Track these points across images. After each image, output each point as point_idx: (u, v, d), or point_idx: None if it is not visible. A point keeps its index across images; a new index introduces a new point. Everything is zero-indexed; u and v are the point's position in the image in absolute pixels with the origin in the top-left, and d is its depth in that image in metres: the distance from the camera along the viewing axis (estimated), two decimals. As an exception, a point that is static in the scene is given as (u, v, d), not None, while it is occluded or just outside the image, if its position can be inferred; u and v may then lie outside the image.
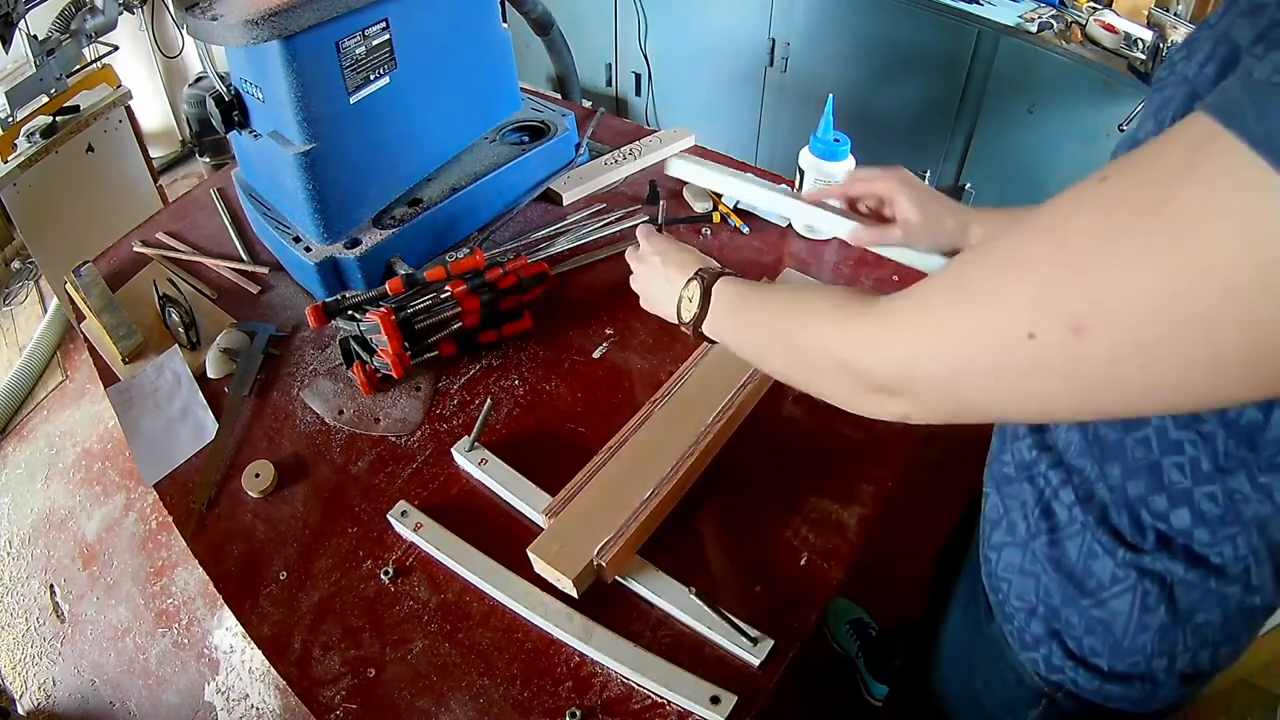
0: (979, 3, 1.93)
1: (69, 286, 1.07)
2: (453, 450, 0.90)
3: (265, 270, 1.17)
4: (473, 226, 1.20)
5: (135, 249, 1.24)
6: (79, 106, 1.96)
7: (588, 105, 1.60)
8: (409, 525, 0.83)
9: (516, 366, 1.01)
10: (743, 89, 2.41)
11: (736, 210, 1.20)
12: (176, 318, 1.08)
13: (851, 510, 0.83)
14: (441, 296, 0.97)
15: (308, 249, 1.07)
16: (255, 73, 1.01)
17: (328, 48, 0.96)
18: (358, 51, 1.00)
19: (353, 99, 1.02)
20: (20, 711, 1.66)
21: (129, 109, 2.10)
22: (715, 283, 0.69)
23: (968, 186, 2.13)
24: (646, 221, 1.17)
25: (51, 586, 1.85)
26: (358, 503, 0.88)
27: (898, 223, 0.82)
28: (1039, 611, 0.63)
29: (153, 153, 2.33)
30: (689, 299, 0.71)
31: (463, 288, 0.97)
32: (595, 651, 0.73)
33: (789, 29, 2.20)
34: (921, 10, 1.95)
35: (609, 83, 2.74)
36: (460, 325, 0.99)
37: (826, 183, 1.09)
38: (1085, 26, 1.84)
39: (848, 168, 1.09)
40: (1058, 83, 1.83)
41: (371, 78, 1.03)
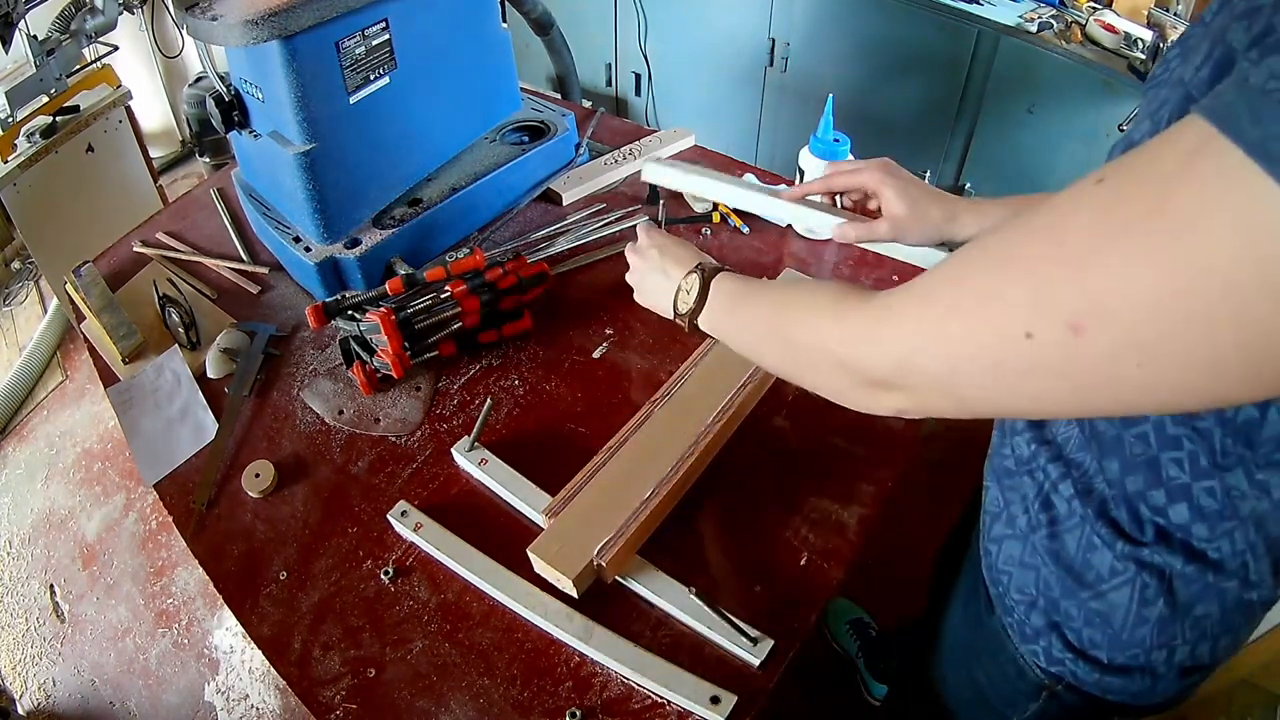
0: (979, 3, 1.93)
1: (69, 286, 1.07)
2: (453, 450, 0.90)
3: (265, 270, 1.17)
4: (473, 226, 1.20)
5: (135, 249, 1.24)
6: (79, 106, 1.96)
7: (588, 105, 1.60)
8: (409, 525, 0.83)
9: (516, 366, 1.01)
10: (743, 89, 2.41)
11: (737, 210, 1.20)
12: (176, 318, 1.08)
13: (851, 510, 0.83)
14: (441, 296, 0.97)
15: (308, 249, 1.08)
16: (255, 73, 1.01)
17: (328, 48, 0.96)
18: (358, 51, 1.00)
19: (353, 99, 1.02)
20: (20, 711, 1.66)
21: (129, 109, 2.10)
22: (714, 277, 0.69)
23: (968, 186, 2.13)
24: (646, 220, 1.16)
25: (51, 586, 1.85)
26: (358, 503, 0.88)
27: (884, 217, 0.81)
28: (1039, 604, 0.63)
29: (153, 153, 2.33)
30: (686, 291, 0.71)
31: (463, 288, 0.97)
32: (595, 651, 0.73)
33: (789, 29, 2.20)
34: (921, 10, 1.95)
35: (609, 83, 2.74)
36: (460, 325, 0.99)
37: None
38: (1085, 26, 1.84)
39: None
40: (1058, 83, 1.83)
41: (371, 78, 1.03)
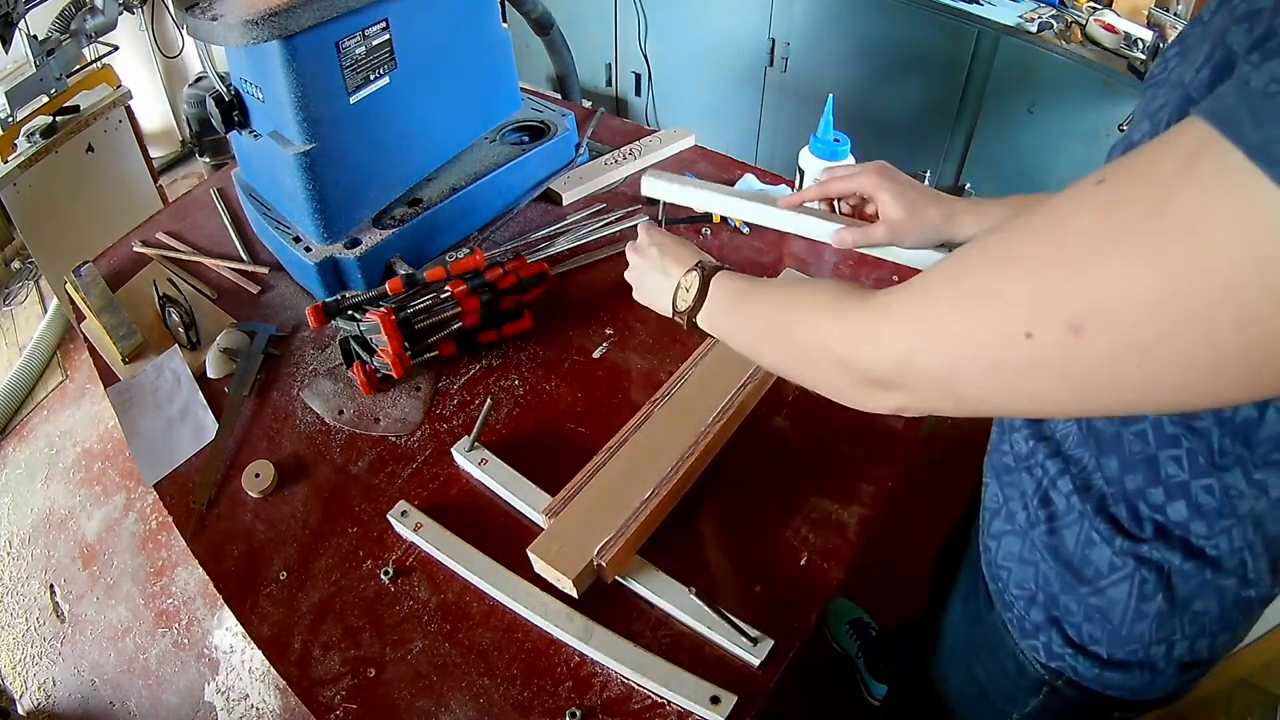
0: (979, 3, 1.93)
1: (69, 286, 1.07)
2: (453, 450, 0.90)
3: (265, 270, 1.17)
4: (473, 226, 1.20)
5: (135, 249, 1.24)
6: (79, 106, 1.96)
7: (588, 105, 1.60)
8: (409, 525, 0.83)
9: (516, 366, 1.01)
10: (743, 89, 2.41)
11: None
12: (176, 318, 1.08)
13: (851, 510, 0.83)
14: (441, 296, 0.97)
15: (308, 249, 1.08)
16: (255, 73, 1.01)
17: (328, 48, 0.96)
18: (358, 51, 1.00)
19: (353, 99, 1.02)
20: (20, 711, 1.66)
21: (129, 109, 2.10)
22: (714, 275, 0.69)
23: (968, 186, 2.13)
24: (647, 220, 1.16)
25: (51, 586, 1.85)
26: (358, 503, 0.88)
27: (881, 221, 0.80)
28: (1038, 599, 0.63)
29: (153, 153, 2.33)
30: (686, 289, 0.71)
31: (463, 288, 0.97)
32: (595, 651, 0.73)
33: (789, 29, 2.20)
34: (921, 10, 1.95)
35: (609, 83, 2.74)
36: (460, 325, 0.99)
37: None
38: (1085, 26, 1.84)
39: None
40: (1058, 83, 1.83)
41: (371, 78, 1.03)
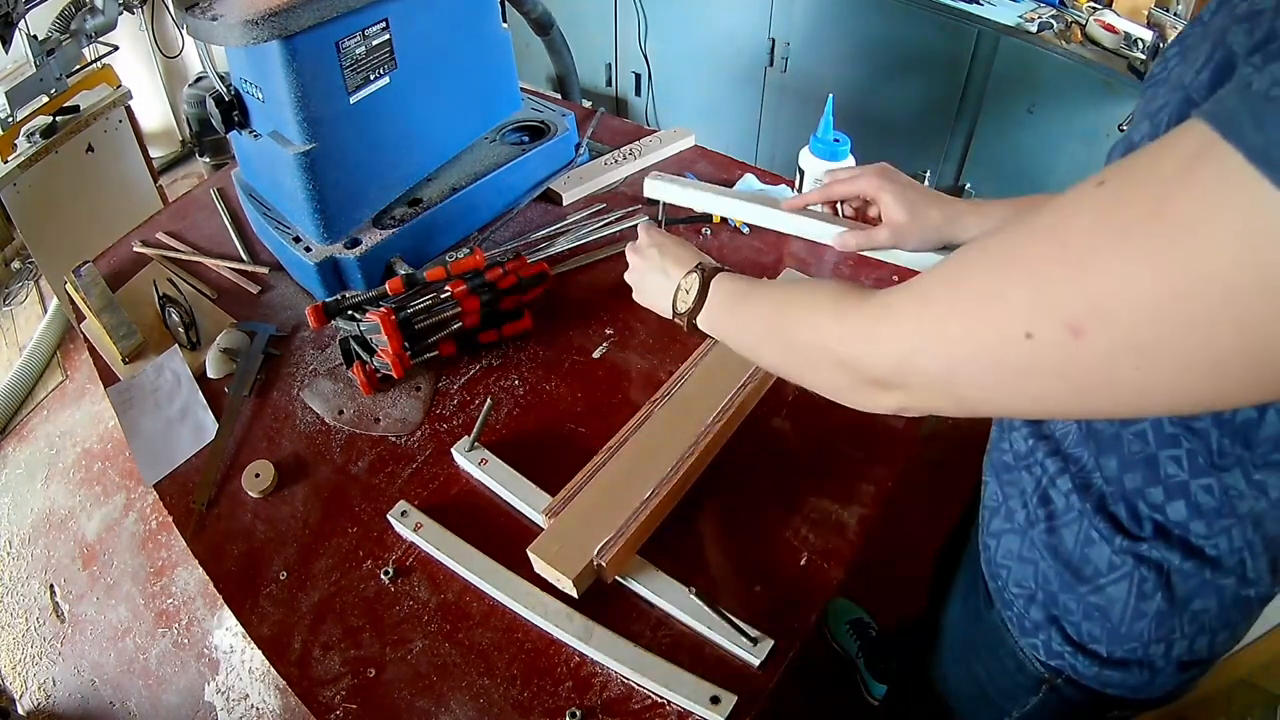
0: (979, 3, 1.93)
1: (69, 286, 1.07)
2: (453, 450, 0.90)
3: (265, 270, 1.17)
4: (473, 226, 1.20)
5: (135, 249, 1.24)
6: (79, 106, 1.96)
7: (588, 105, 1.60)
8: (409, 525, 0.83)
9: (516, 366, 1.01)
10: (743, 89, 2.41)
11: (736, 210, 1.20)
12: (176, 318, 1.08)
13: (851, 510, 0.83)
14: (441, 296, 0.97)
15: (308, 249, 1.08)
16: (255, 73, 1.01)
17: (328, 48, 0.96)
18: (358, 51, 1.00)
19: (353, 99, 1.02)
20: (20, 711, 1.66)
21: (129, 109, 2.10)
22: (714, 276, 0.70)
23: (968, 186, 2.13)
24: (647, 220, 1.16)
25: (51, 586, 1.85)
26: (358, 503, 0.88)
27: (884, 224, 0.81)
28: (1038, 598, 0.63)
29: (153, 153, 2.33)
30: (686, 290, 0.71)
31: (463, 288, 0.97)
32: (595, 651, 0.73)
33: (789, 29, 2.20)
34: (921, 10, 1.95)
35: (609, 83, 2.74)
36: (460, 325, 0.99)
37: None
38: (1085, 26, 1.84)
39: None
40: (1058, 83, 1.83)
41: (371, 78, 1.03)
